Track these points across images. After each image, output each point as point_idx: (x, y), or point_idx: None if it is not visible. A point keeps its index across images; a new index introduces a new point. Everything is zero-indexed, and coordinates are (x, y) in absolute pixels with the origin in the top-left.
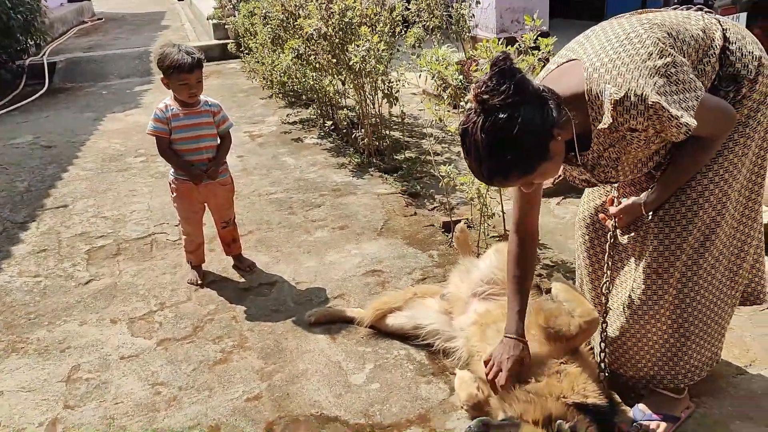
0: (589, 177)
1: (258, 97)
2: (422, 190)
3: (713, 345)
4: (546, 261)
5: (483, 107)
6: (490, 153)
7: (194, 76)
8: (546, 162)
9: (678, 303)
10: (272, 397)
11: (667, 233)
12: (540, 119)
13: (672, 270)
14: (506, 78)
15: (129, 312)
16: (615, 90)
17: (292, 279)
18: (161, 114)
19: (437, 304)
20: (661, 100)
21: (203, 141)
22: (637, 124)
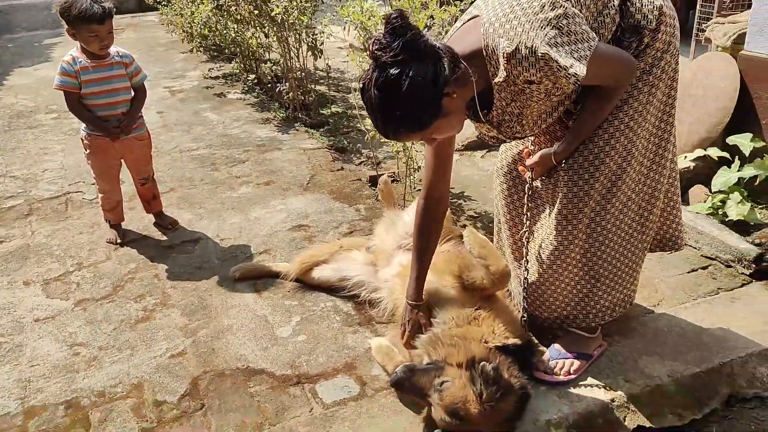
0: (497, 134)
1: (178, 51)
2: (349, 144)
3: (625, 287)
4: (470, 212)
5: (377, 64)
6: (383, 109)
7: (105, 28)
8: (440, 119)
9: (588, 247)
10: (197, 352)
11: (576, 180)
12: (431, 77)
13: (581, 216)
14: (398, 35)
15: (43, 273)
16: (507, 43)
17: (216, 236)
18: (69, 67)
19: (363, 256)
20: (551, 51)
21: (117, 95)
22: (531, 76)
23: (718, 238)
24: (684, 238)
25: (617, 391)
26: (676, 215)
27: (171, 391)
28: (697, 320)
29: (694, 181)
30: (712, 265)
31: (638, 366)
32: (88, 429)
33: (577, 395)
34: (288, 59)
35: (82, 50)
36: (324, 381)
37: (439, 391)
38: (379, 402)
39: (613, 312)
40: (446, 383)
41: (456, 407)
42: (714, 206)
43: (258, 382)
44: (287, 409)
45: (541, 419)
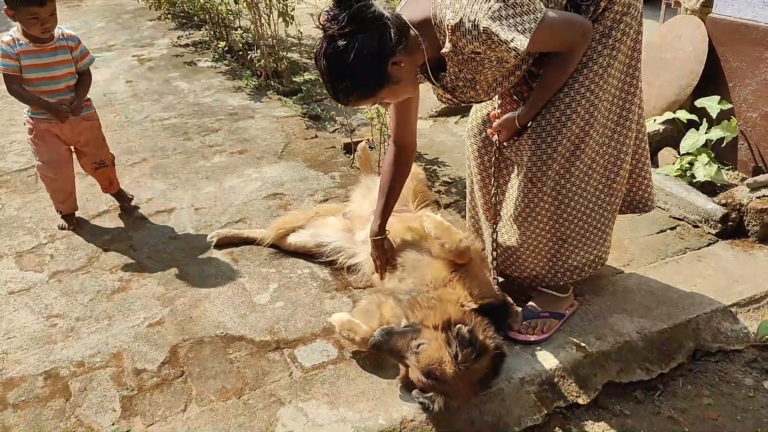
0: (451, 97)
1: (146, 18)
2: (323, 112)
3: (594, 248)
4: (444, 178)
5: (325, 34)
6: (332, 78)
7: (46, 10)
8: (388, 86)
9: (554, 210)
10: (175, 321)
11: (539, 144)
12: (376, 47)
13: (545, 179)
14: (345, 8)
15: (16, 246)
16: (452, 15)
17: (190, 205)
18: (9, 49)
19: (339, 222)
20: (492, 24)
21: (61, 81)
22: (476, 48)
23: (686, 199)
24: (654, 200)
25: (588, 348)
26: (645, 177)
27: (150, 359)
28: (665, 279)
29: (663, 144)
30: (680, 226)
31: (608, 323)
32: (69, 398)
33: (550, 353)
34: (259, 26)
35: (23, 32)
36: (302, 346)
37: (415, 353)
38: (357, 365)
39: (582, 272)
40: (422, 345)
41: (432, 368)
42: (682, 168)
43: (237, 349)
44: (267, 374)
45: (515, 377)
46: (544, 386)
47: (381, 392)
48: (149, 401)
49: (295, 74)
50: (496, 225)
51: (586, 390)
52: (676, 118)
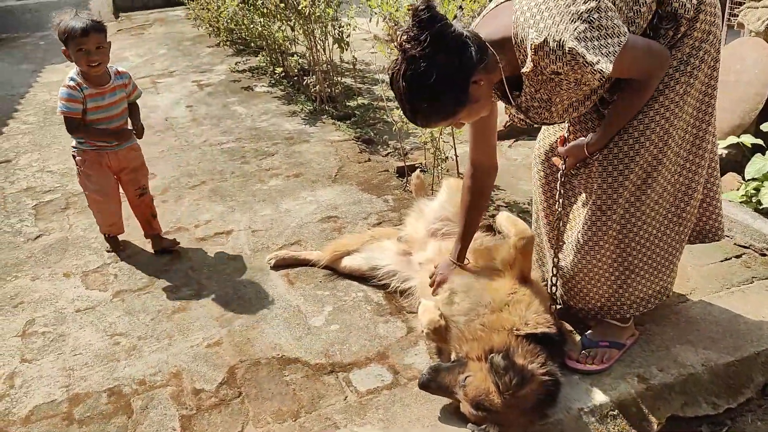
0: (524, 118)
1: (205, 45)
2: (376, 136)
3: (660, 279)
4: (499, 202)
5: (405, 56)
6: (412, 99)
7: (91, 41)
8: (467, 106)
9: (621, 238)
10: (233, 342)
11: (610, 171)
12: (457, 67)
13: (615, 207)
14: (425, 28)
15: (82, 265)
16: (536, 35)
17: (248, 227)
18: (76, 93)
19: (394, 245)
20: (579, 45)
21: (120, 119)
22: (558, 68)
23: (752, 226)
24: (723, 228)
25: (650, 380)
26: (716, 206)
27: (209, 379)
28: (730, 309)
29: (726, 169)
30: (746, 254)
31: (671, 355)
32: (131, 416)
33: (609, 384)
34: (314, 52)
35: (81, 73)
36: (357, 370)
37: (463, 386)
38: (412, 390)
39: (648, 304)
40: (469, 378)
41: (480, 400)
42: (747, 194)
43: (293, 371)
44: (322, 397)
45: (573, 407)
46: (604, 418)
47: (437, 419)
48: (207, 421)
49: (348, 99)
50: (559, 251)
51: (648, 423)
52: (740, 143)
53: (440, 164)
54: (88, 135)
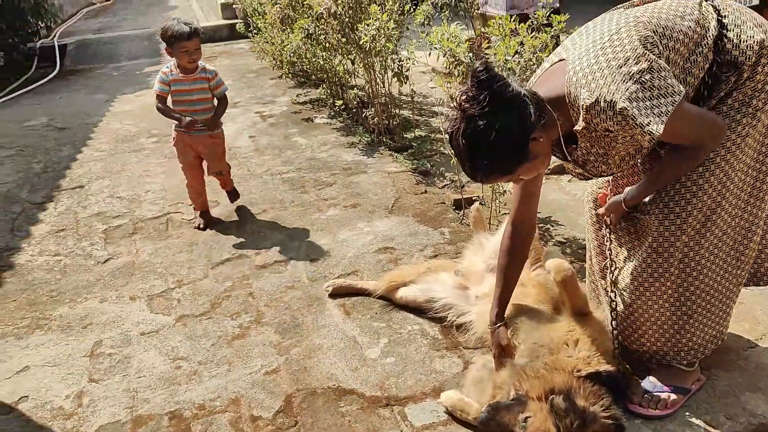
0: (583, 171)
1: (268, 77)
2: (432, 167)
3: (718, 323)
4: (558, 237)
5: (464, 115)
6: (472, 157)
7: (192, 44)
8: (526, 163)
9: (680, 282)
10: (290, 370)
11: (667, 214)
12: (517, 125)
13: (672, 250)
14: (484, 88)
15: (147, 289)
16: (588, 95)
17: (306, 256)
18: (164, 77)
19: (451, 278)
20: (630, 106)
21: (198, 104)
22: (609, 126)
23: None
24: None
25: (717, 429)
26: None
27: (266, 407)
28: None
29: None
30: None
31: (740, 402)
32: None
33: (674, 431)
34: (373, 85)
35: (176, 65)
36: (413, 404)
37: (523, 427)
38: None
39: (705, 350)
40: (529, 418)
41: None
42: None
43: (349, 402)
44: (377, 431)
45: None
46: None
47: None
48: None
49: (406, 131)
50: (614, 294)
51: None
52: None
53: (498, 198)
54: (166, 114)
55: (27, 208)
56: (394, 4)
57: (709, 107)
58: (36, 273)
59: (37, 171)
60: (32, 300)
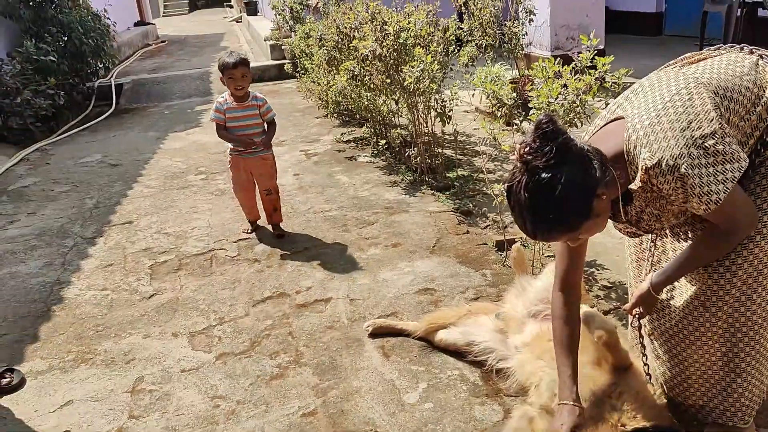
0: (636, 230)
1: (313, 116)
2: (475, 208)
3: (762, 383)
4: (603, 282)
5: (527, 167)
6: (534, 212)
7: (238, 72)
8: (590, 220)
9: (728, 337)
10: (327, 413)
11: (716, 267)
12: (582, 179)
13: (721, 304)
14: (549, 140)
15: (189, 326)
16: (648, 155)
17: (346, 296)
18: (220, 106)
19: (492, 322)
20: (692, 173)
21: (250, 129)
22: (668, 189)
23: None
24: None
25: None
26: None
27: None
28: None
29: None
30: None
31: None
32: None
33: None
34: (417, 124)
35: (230, 94)
36: None
37: None
38: None
39: (752, 410)
40: None
41: None
42: None
43: None
44: None
45: None
46: None
47: None
48: None
49: (448, 170)
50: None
51: None
52: None
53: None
54: (227, 139)
55: (78, 243)
56: (438, 46)
57: (762, 160)
58: (84, 307)
59: (89, 206)
60: (79, 334)
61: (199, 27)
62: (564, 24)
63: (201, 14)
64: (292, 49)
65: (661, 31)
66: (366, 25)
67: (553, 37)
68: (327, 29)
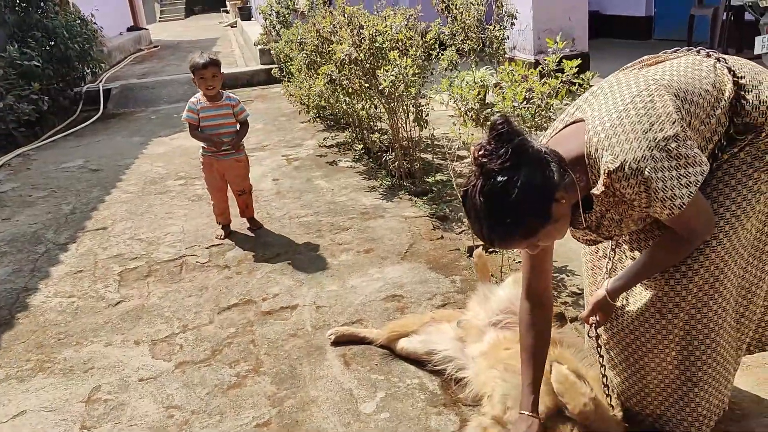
0: (595, 237)
1: (299, 121)
2: (451, 212)
3: (720, 392)
4: (573, 288)
5: (482, 170)
6: (490, 216)
7: (208, 72)
8: (548, 225)
9: (685, 345)
10: (281, 423)
11: (672, 272)
12: (540, 183)
13: (677, 311)
14: (504, 142)
15: (152, 334)
16: (611, 159)
17: (312, 303)
18: (193, 106)
19: (453, 330)
20: (656, 176)
21: (223, 128)
22: (630, 194)
23: None
24: None
25: None
26: None
27: None
28: None
29: None
30: None
31: None
32: None
33: None
34: (396, 129)
35: (202, 94)
36: None
37: None
38: None
39: (710, 421)
40: None
41: None
42: None
43: None
44: None
45: None
46: None
47: None
48: None
49: (427, 174)
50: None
51: None
52: None
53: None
54: (199, 138)
55: (50, 249)
56: (417, 50)
57: (719, 163)
58: (48, 314)
59: (65, 212)
60: (40, 342)
61: (193, 32)
62: (547, 28)
63: (197, 19)
64: (277, 53)
65: (650, 35)
66: (343, 29)
67: (536, 41)
68: (306, 33)
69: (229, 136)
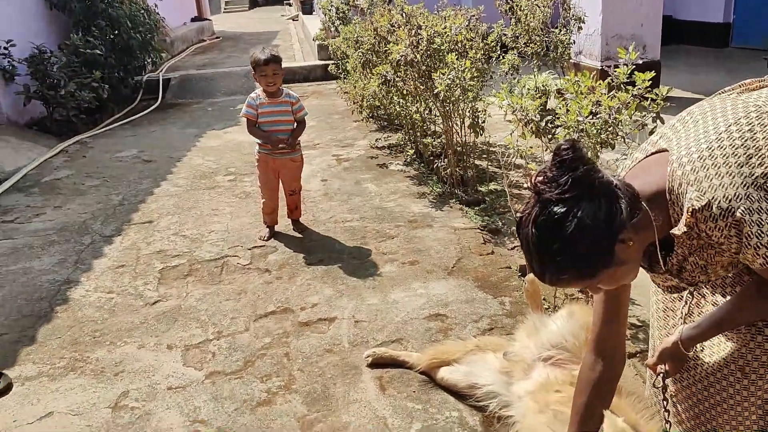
0: (677, 282)
1: (352, 119)
2: (504, 226)
3: None
4: (633, 320)
5: (539, 198)
6: (540, 250)
7: (269, 69)
8: (609, 269)
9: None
10: None
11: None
12: (603, 219)
13: (762, 371)
14: (567, 170)
15: (186, 338)
16: (697, 195)
17: (352, 316)
18: (252, 101)
19: (499, 362)
20: (751, 218)
21: (280, 125)
22: (716, 237)
23: None
24: None
25: None
26: None
27: None
28: None
29: None
30: None
31: None
32: None
33: None
34: (450, 133)
35: (263, 90)
36: None
37: None
38: None
39: None
40: None
41: None
42: None
43: None
44: None
45: None
46: None
47: None
48: None
49: (481, 183)
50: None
51: None
52: None
53: None
54: (257, 135)
55: (96, 240)
56: (476, 53)
57: None
58: (86, 310)
59: (114, 203)
60: (75, 339)
61: (256, 24)
62: (616, 34)
63: (261, 11)
64: (334, 50)
65: (727, 43)
66: (400, 28)
67: (603, 47)
68: (363, 31)
69: (285, 133)
